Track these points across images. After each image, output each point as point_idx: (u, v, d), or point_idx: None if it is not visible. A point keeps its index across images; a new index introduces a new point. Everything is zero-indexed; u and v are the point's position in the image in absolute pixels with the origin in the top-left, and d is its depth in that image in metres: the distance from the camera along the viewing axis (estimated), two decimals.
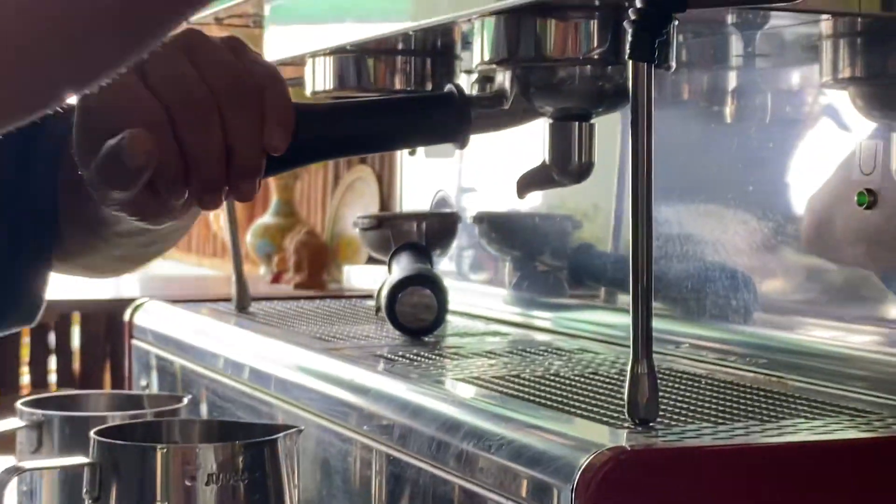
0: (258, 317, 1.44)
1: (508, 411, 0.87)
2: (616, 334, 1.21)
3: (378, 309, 1.39)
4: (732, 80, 1.15)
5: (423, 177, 1.70)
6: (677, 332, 1.16)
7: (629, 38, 0.80)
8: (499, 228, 1.56)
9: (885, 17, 0.99)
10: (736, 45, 1.13)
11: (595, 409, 0.88)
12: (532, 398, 0.92)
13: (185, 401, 1.15)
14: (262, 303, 1.56)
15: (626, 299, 1.08)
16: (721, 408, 0.89)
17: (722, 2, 0.86)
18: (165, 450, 0.93)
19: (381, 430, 0.93)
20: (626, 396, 0.80)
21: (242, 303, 1.50)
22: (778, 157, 1.09)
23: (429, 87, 1.30)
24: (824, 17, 1.01)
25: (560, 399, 0.92)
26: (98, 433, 0.95)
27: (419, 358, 1.11)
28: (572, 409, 0.88)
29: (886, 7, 0.98)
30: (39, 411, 1.11)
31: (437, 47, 1.30)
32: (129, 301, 2.20)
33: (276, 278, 3.41)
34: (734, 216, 1.12)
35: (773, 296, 1.09)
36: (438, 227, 1.49)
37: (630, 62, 0.80)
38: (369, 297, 1.66)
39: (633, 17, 0.80)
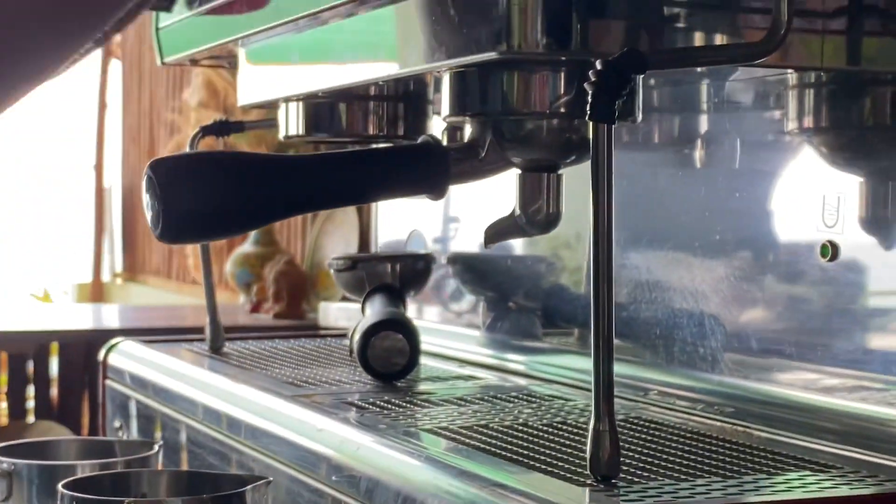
0: (232, 358, 1.44)
1: (474, 467, 0.87)
2: (589, 379, 1.22)
3: (352, 351, 1.40)
4: (701, 127, 1.16)
5: (398, 212, 1.71)
6: (646, 378, 1.17)
7: (589, 99, 0.81)
8: (473, 269, 1.56)
9: (846, 71, 1.00)
10: (705, 93, 1.15)
11: (560, 464, 0.88)
12: (498, 451, 0.92)
13: (156, 448, 1.15)
14: (237, 343, 1.56)
15: None
16: (684, 461, 0.89)
17: (682, 63, 0.87)
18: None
19: (348, 483, 0.94)
20: (587, 453, 0.81)
21: (216, 343, 1.51)
22: (744, 206, 1.10)
23: (401, 131, 1.32)
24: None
25: (526, 452, 0.92)
26: (66, 486, 0.95)
27: (389, 405, 1.11)
28: (537, 464, 0.88)
29: (850, 61, 1.00)
30: (9, 460, 1.11)
31: (409, 93, 1.32)
32: (108, 332, 2.20)
33: (256, 308, 3.41)
34: (701, 264, 1.13)
35: (740, 344, 1.10)
36: (412, 269, 1.50)
37: (590, 122, 0.81)
38: (344, 335, 1.67)
39: (592, 78, 0.81)
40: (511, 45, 0.90)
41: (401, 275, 1.47)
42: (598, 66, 0.81)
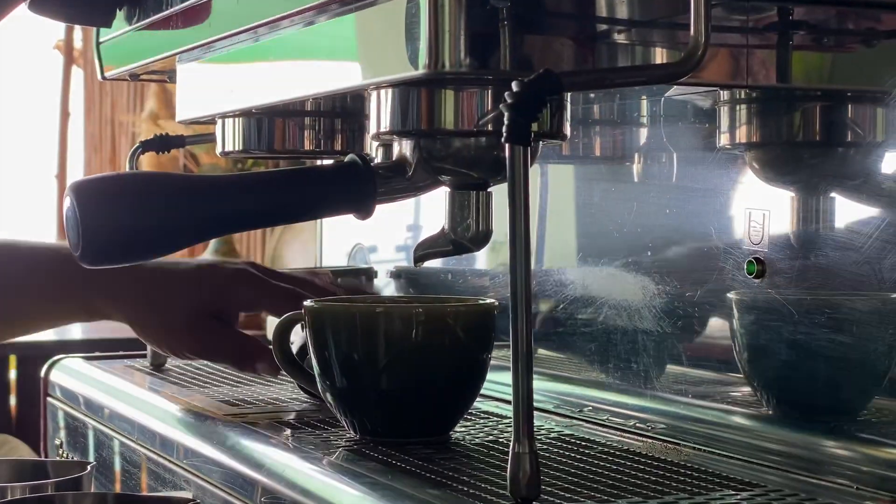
0: (172, 375, 1.43)
1: (401, 488, 0.87)
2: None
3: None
4: (636, 142, 1.16)
5: (341, 227, 1.71)
6: (580, 395, 1.17)
7: (505, 121, 0.81)
8: (415, 284, 1.56)
9: (773, 88, 1.01)
10: (638, 109, 1.15)
11: (483, 486, 0.88)
12: (425, 472, 0.92)
13: (88, 469, 1.14)
14: (179, 359, 1.55)
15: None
16: (609, 481, 0.89)
17: (597, 85, 0.87)
18: None
19: None
20: (508, 475, 0.81)
21: (158, 360, 1.50)
22: (676, 222, 1.10)
23: (338, 147, 1.31)
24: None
25: (452, 473, 0.92)
26: None
27: (323, 426, 1.11)
28: (461, 486, 0.88)
29: (776, 79, 1.00)
30: None
31: (346, 108, 1.31)
32: (68, 344, 2.17)
33: None
34: (634, 280, 1.13)
35: (672, 361, 1.10)
36: (355, 283, 1.49)
37: (507, 145, 0.81)
38: None
39: (508, 100, 0.81)
40: (435, 63, 0.89)
41: (344, 289, 1.46)
42: (514, 87, 0.80)
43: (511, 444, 0.80)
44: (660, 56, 0.91)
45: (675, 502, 0.84)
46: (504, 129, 0.81)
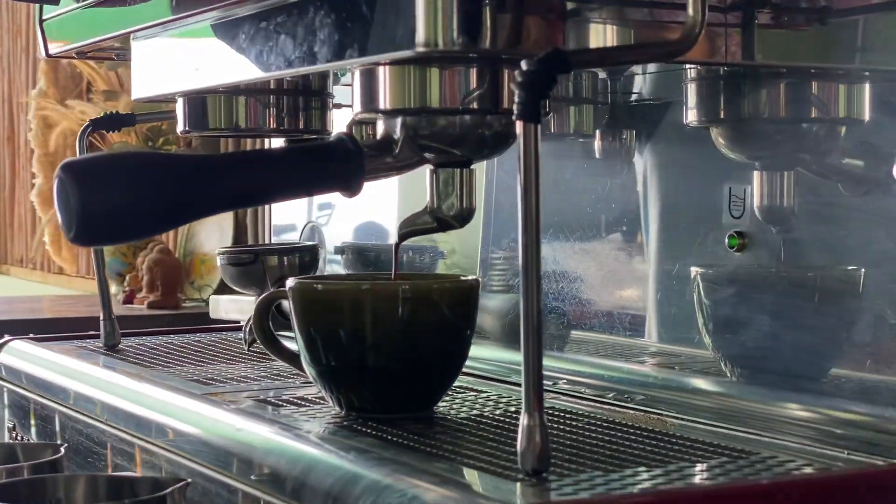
0: (130, 355, 1.42)
1: (410, 462, 0.88)
2: (489, 368, 1.24)
3: (252, 342, 1.39)
4: (610, 119, 1.18)
5: (284, 206, 1.71)
6: (555, 368, 1.19)
7: (516, 99, 0.82)
8: (363, 261, 1.57)
9: (749, 66, 1.03)
10: (611, 86, 1.16)
11: (486, 458, 0.89)
12: (424, 447, 0.93)
13: (62, 451, 1.13)
14: (131, 339, 1.54)
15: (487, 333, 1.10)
16: (607, 452, 0.91)
17: (603, 63, 0.88)
18: None
19: (273, 483, 0.94)
20: (518, 448, 0.82)
21: (111, 340, 1.49)
22: (652, 197, 1.13)
23: (301, 125, 1.31)
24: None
25: (451, 446, 0.93)
26: None
27: (304, 402, 1.11)
28: (466, 460, 0.89)
29: (750, 56, 1.02)
30: None
31: (309, 87, 1.31)
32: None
33: (129, 298, 3.36)
34: (608, 254, 1.15)
35: (648, 333, 1.12)
36: (309, 260, 1.49)
37: (519, 122, 0.82)
38: (238, 329, 1.66)
39: (519, 79, 0.82)
40: (428, 42, 0.90)
41: (299, 266, 1.47)
42: (524, 66, 0.82)
43: (521, 417, 0.81)
44: (649, 36, 0.93)
45: (680, 470, 0.86)
46: (515, 106, 0.82)
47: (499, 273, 1.35)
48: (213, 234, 3.40)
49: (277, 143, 1.50)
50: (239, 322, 1.82)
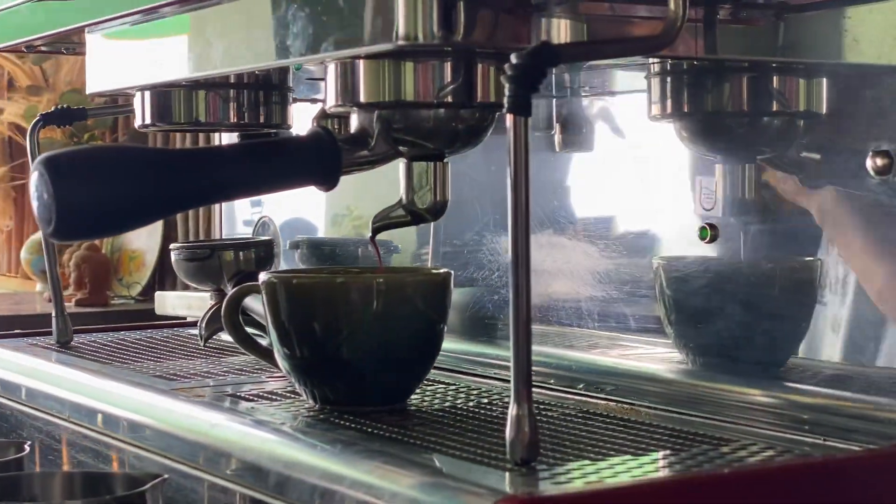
0: (85, 352, 1.41)
1: (398, 454, 0.88)
2: (454, 362, 1.25)
3: (208, 338, 1.39)
4: (575, 111, 1.19)
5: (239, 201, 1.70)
6: None
7: (506, 93, 0.82)
8: (318, 255, 1.57)
9: (720, 60, 1.05)
10: (583, 79, 1.17)
11: (470, 449, 0.90)
12: (407, 439, 0.93)
13: (27, 448, 1.12)
14: (82, 336, 1.52)
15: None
16: (589, 441, 0.92)
17: (589, 56, 0.89)
18: None
19: (255, 478, 0.93)
20: (507, 437, 0.83)
21: (64, 337, 1.47)
22: (622, 189, 1.14)
23: (261, 120, 1.31)
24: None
25: (433, 438, 0.94)
26: None
27: (276, 397, 1.11)
28: (452, 452, 0.89)
29: (722, 50, 1.04)
30: None
31: (269, 81, 1.31)
32: None
33: None
34: (576, 247, 1.16)
35: (618, 324, 1.13)
36: (265, 255, 1.49)
37: (509, 116, 0.82)
38: (188, 325, 1.65)
39: (509, 72, 0.82)
40: (408, 36, 0.90)
41: (255, 261, 1.46)
42: (514, 59, 0.82)
43: (510, 407, 0.82)
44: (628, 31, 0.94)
45: (665, 458, 0.87)
46: (506, 100, 0.82)
47: (452, 268, 1.36)
48: (141, 232, 3.36)
49: (231, 138, 1.49)
50: (185, 318, 1.81)
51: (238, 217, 1.77)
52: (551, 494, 0.76)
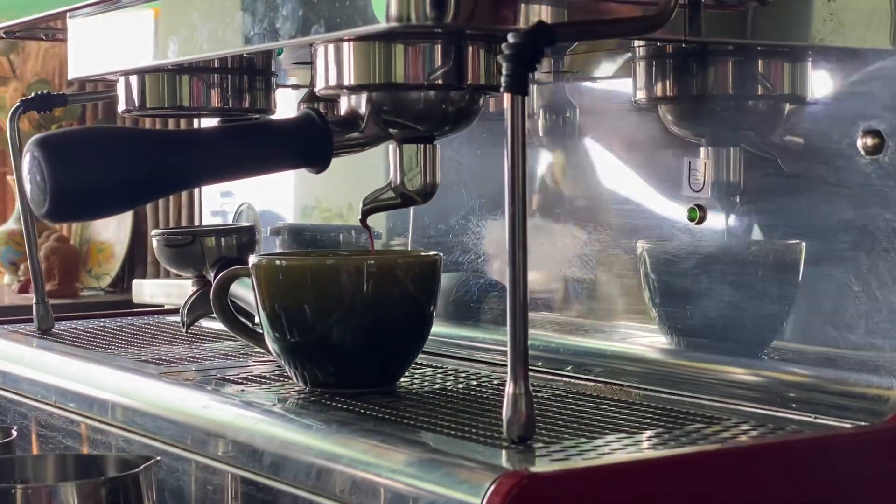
0: (67, 339, 1.40)
1: (396, 433, 0.88)
2: (438, 346, 1.25)
3: (191, 324, 1.39)
4: (561, 95, 1.20)
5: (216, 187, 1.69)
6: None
7: (504, 72, 0.83)
8: (300, 240, 1.57)
9: (707, 42, 1.05)
10: (568, 63, 1.18)
11: (466, 428, 0.90)
12: (402, 420, 0.94)
13: (14, 433, 1.12)
14: (62, 323, 1.52)
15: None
16: (582, 420, 0.93)
17: (585, 36, 0.90)
18: (27, 490, 0.91)
19: (250, 458, 0.93)
20: (503, 415, 0.83)
21: (45, 324, 1.47)
22: (609, 172, 1.15)
23: (246, 104, 1.31)
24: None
25: (427, 418, 0.94)
26: None
27: (265, 380, 1.11)
28: (449, 431, 0.90)
29: (711, 33, 1.04)
30: None
31: (253, 66, 1.31)
32: None
33: (24, 288, 3.30)
34: (563, 230, 1.17)
35: (603, 306, 1.14)
36: (247, 241, 1.48)
37: (507, 95, 0.83)
38: (167, 312, 1.65)
39: (506, 51, 0.83)
40: (400, 17, 0.90)
41: (237, 247, 1.46)
42: (511, 38, 0.83)
43: (507, 385, 0.83)
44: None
45: (660, 436, 0.88)
46: (503, 79, 0.83)
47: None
48: (110, 223, 3.35)
49: (211, 122, 1.48)
50: (163, 305, 1.81)
51: (207, 207, 1.76)
52: (553, 471, 0.76)
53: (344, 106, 1.04)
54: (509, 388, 0.83)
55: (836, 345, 0.96)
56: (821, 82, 1.02)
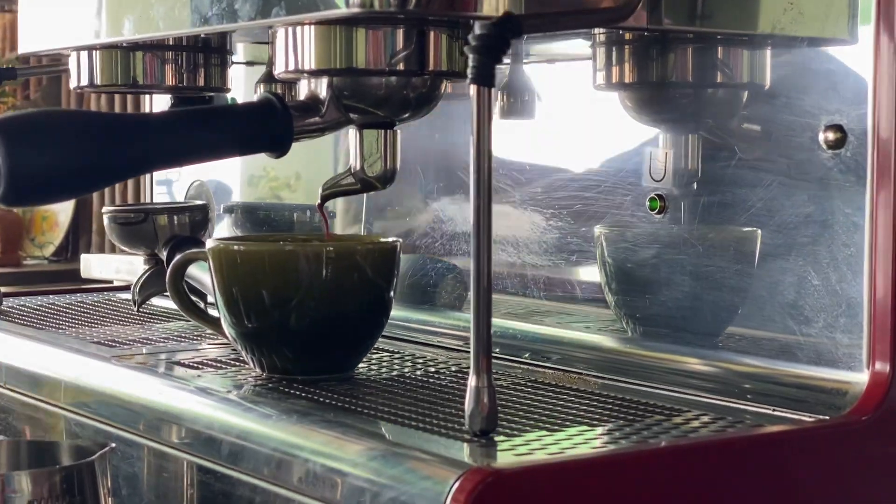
0: (15, 317, 1.38)
1: (357, 424, 0.87)
2: (403, 332, 1.24)
3: (142, 303, 1.37)
4: (524, 81, 1.19)
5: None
6: (466, 328, 1.19)
7: (470, 63, 0.82)
8: (253, 219, 1.56)
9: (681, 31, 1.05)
10: (533, 48, 1.17)
11: (427, 420, 0.90)
12: (362, 409, 0.93)
13: None
14: (9, 300, 1.50)
15: None
16: (543, 412, 0.93)
17: (552, 27, 0.89)
18: None
19: (207, 447, 0.93)
20: (466, 408, 0.83)
21: None
22: (571, 159, 1.14)
23: (201, 82, 1.29)
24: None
25: (389, 409, 0.93)
26: None
27: (221, 365, 1.10)
28: (410, 422, 0.89)
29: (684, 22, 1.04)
30: None
31: (209, 43, 1.29)
32: None
33: None
34: (522, 216, 1.16)
35: (563, 294, 1.14)
36: (200, 219, 1.47)
37: (473, 86, 0.82)
38: (117, 289, 1.63)
39: (473, 42, 0.82)
40: (364, 3, 0.89)
41: (190, 225, 1.44)
42: (478, 29, 0.82)
43: (470, 378, 0.82)
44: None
45: (620, 429, 0.88)
46: (469, 70, 0.82)
47: (394, 235, 1.35)
48: None
49: (163, 99, 1.46)
50: (111, 282, 1.79)
51: (156, 181, 1.74)
52: (517, 466, 0.76)
53: (304, 90, 1.03)
54: (472, 381, 0.82)
55: (795, 337, 0.96)
56: (783, 74, 1.02)
